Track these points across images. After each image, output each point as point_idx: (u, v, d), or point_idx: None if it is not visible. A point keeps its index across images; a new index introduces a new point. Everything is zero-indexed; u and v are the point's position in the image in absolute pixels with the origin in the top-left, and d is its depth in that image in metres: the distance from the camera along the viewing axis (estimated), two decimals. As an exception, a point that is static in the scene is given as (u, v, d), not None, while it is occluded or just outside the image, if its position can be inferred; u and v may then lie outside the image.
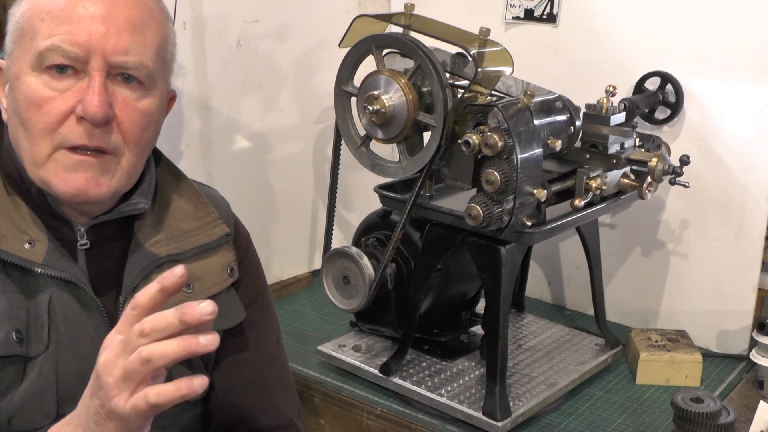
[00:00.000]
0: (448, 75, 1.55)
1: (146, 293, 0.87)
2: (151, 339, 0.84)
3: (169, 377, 1.11)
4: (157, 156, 1.18)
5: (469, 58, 1.57)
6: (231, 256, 1.19)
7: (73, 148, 1.01)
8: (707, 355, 1.87)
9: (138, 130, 1.04)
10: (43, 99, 1.00)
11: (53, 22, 1.00)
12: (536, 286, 2.20)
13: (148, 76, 1.04)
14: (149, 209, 1.13)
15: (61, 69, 1.00)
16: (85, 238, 1.08)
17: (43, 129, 1.00)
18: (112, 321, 1.07)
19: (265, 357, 1.24)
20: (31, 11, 1.02)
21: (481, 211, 1.46)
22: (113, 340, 0.88)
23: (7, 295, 1.02)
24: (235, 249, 1.20)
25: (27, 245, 1.03)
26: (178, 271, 0.85)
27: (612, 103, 1.68)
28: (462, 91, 1.57)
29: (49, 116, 1.00)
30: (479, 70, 1.54)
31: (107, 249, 1.10)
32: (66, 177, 1.01)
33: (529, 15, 2.07)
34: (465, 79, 1.59)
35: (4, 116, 1.07)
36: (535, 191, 1.47)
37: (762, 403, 1.47)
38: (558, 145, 1.51)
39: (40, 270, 1.03)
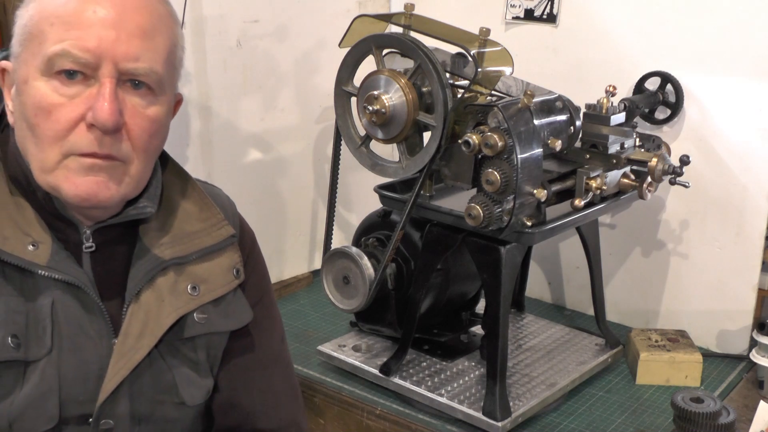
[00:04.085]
0: (448, 75, 1.55)
1: None
2: None
3: (173, 380, 1.12)
4: (163, 158, 1.17)
5: (469, 58, 1.57)
6: (237, 257, 1.18)
7: (83, 156, 1.00)
8: (707, 355, 1.87)
9: (147, 137, 1.03)
10: (52, 105, 0.98)
11: (63, 26, 0.98)
12: (536, 286, 2.20)
13: (157, 82, 1.03)
14: (155, 212, 1.12)
15: (70, 74, 0.98)
16: (91, 240, 1.07)
17: (52, 136, 0.99)
18: (115, 325, 1.07)
19: (270, 357, 1.24)
20: (39, 15, 1.00)
21: (481, 211, 1.46)
22: None
23: (3, 299, 1.01)
24: (240, 249, 1.19)
25: (30, 247, 1.02)
26: None
27: (612, 103, 1.68)
28: (462, 91, 1.57)
29: (59, 123, 0.99)
30: (479, 70, 1.55)
31: (112, 252, 1.10)
32: (77, 181, 1.00)
33: (529, 15, 2.07)
34: (465, 79, 1.59)
35: (10, 119, 1.06)
36: (535, 191, 1.47)
37: (762, 403, 1.47)
38: (558, 145, 1.51)
39: (43, 272, 1.02)
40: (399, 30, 1.63)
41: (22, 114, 1.02)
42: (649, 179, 1.65)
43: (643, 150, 1.71)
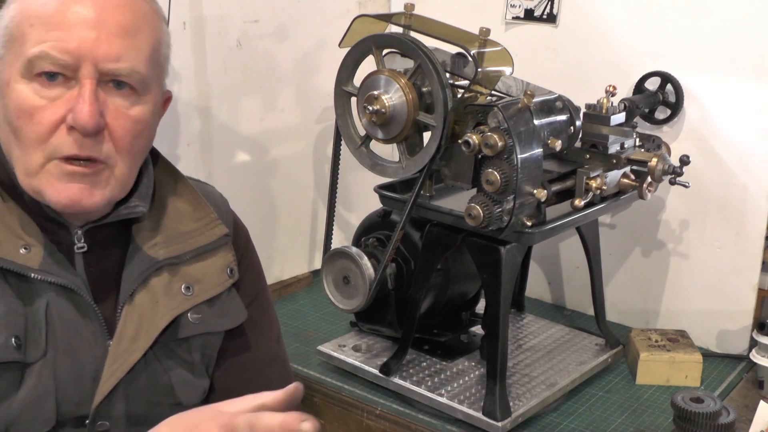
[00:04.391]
0: (448, 75, 1.55)
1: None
2: None
3: (169, 381, 1.11)
4: (154, 156, 1.16)
5: (469, 58, 1.57)
6: (230, 256, 1.17)
7: (66, 158, 1.00)
8: (707, 355, 1.87)
9: (130, 137, 1.02)
10: (33, 108, 0.98)
11: (43, 27, 0.97)
12: (536, 286, 2.20)
13: (140, 82, 1.02)
14: (147, 211, 1.12)
15: (50, 76, 0.98)
16: (83, 241, 1.07)
17: (34, 139, 0.99)
18: (110, 327, 1.06)
19: (266, 357, 1.24)
20: (20, 16, 0.99)
21: (481, 211, 1.46)
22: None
23: (5, 301, 1.01)
24: (234, 248, 1.19)
25: (23, 250, 1.02)
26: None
27: (612, 103, 1.68)
28: (462, 91, 1.57)
29: (41, 126, 0.98)
30: (479, 70, 1.54)
31: (105, 252, 1.09)
32: (59, 187, 1.00)
33: (529, 15, 2.07)
34: (465, 79, 1.59)
35: None
36: (535, 191, 1.47)
37: (762, 403, 1.47)
38: (558, 145, 1.51)
39: (36, 275, 1.02)
40: (399, 30, 1.63)
41: (6, 117, 1.01)
42: (649, 179, 1.65)
43: (643, 150, 1.71)
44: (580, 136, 1.65)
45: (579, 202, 1.57)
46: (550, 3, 2.03)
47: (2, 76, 1.01)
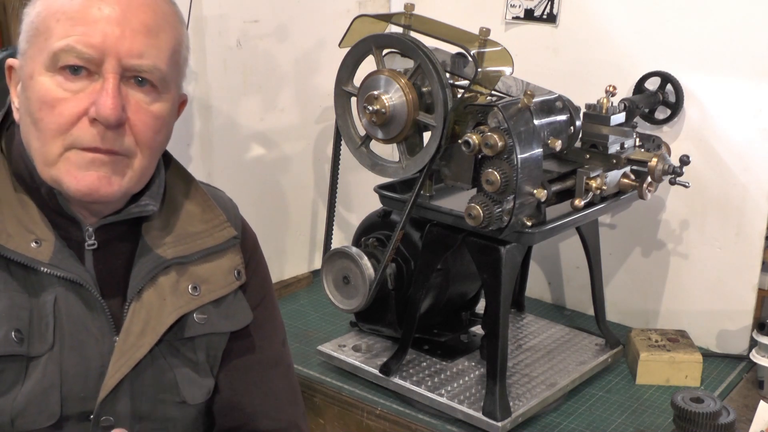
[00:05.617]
0: (448, 75, 1.55)
1: None
2: None
3: (174, 379, 1.12)
4: (167, 158, 1.18)
5: (469, 58, 1.57)
6: (238, 259, 1.19)
7: (86, 149, 1.01)
8: (707, 355, 1.87)
9: (150, 133, 1.05)
10: (56, 99, 1.00)
11: (68, 22, 0.99)
12: (536, 286, 2.20)
13: (161, 80, 1.04)
14: (157, 211, 1.13)
15: (74, 70, 1.00)
16: (93, 238, 1.08)
17: (55, 129, 1.00)
18: (116, 323, 1.08)
19: (271, 359, 1.24)
20: (46, 11, 1.02)
21: (481, 211, 1.46)
22: None
23: (8, 294, 1.02)
24: (242, 251, 1.20)
25: (33, 244, 1.03)
26: None
27: (612, 103, 1.68)
28: (462, 91, 1.57)
29: (62, 117, 1.00)
30: (479, 70, 1.54)
31: (114, 250, 1.10)
32: (78, 175, 1.01)
33: (529, 15, 2.07)
34: (465, 79, 1.59)
35: (16, 116, 1.07)
36: (535, 191, 1.47)
37: (762, 403, 1.47)
38: (558, 145, 1.51)
39: (46, 269, 1.03)
40: (399, 30, 1.63)
41: (27, 109, 1.03)
42: (649, 179, 1.65)
43: (643, 150, 1.71)
44: (580, 136, 1.65)
45: (579, 202, 1.57)
46: (550, 3, 2.03)
47: (25, 70, 1.03)
